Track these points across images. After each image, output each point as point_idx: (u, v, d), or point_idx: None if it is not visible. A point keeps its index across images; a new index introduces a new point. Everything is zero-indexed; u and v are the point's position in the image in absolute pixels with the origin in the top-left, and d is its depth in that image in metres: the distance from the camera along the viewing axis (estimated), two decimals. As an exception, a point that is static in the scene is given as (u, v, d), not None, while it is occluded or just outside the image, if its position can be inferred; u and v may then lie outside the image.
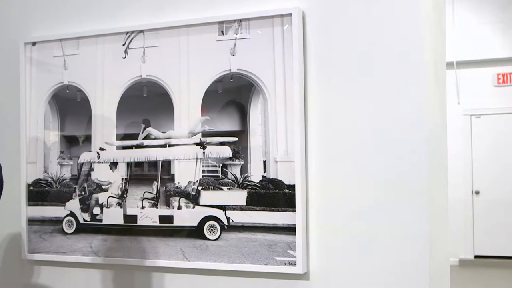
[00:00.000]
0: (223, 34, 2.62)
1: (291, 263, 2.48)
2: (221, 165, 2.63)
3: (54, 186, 2.95)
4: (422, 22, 2.36)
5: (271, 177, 2.54)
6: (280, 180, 2.52)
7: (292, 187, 2.48)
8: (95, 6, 2.91)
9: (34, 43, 2.99)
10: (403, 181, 2.36)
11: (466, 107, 10.25)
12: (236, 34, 2.60)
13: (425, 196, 2.34)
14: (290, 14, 2.48)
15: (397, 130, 2.37)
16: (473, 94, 10.19)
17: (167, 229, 2.72)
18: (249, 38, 2.58)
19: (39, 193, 2.97)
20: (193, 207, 2.67)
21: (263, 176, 2.55)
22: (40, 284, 3.02)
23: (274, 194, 2.53)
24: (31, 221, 2.98)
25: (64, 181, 2.93)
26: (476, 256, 10.29)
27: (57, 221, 2.93)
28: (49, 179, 2.96)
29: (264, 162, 2.56)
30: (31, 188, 2.99)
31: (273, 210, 2.53)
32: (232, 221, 2.60)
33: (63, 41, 2.93)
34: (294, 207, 2.48)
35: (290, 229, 2.49)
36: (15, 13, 3.10)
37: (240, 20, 2.58)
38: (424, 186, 2.34)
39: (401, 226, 2.36)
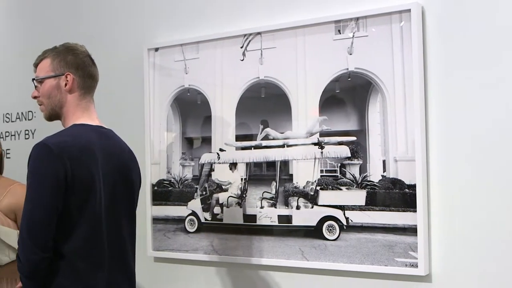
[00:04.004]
0: (340, 33, 2.61)
1: (412, 265, 2.43)
2: (339, 164, 2.61)
3: (177, 186, 3.05)
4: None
5: (391, 176, 2.49)
6: (400, 180, 2.47)
7: (413, 187, 2.43)
8: (213, 10, 2.99)
9: (156, 49, 3.12)
10: (532, 180, 2.25)
11: None
12: (353, 33, 2.57)
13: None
14: (409, 10, 2.43)
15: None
16: None
17: (285, 228, 2.73)
18: (367, 36, 2.55)
19: (163, 193, 3.09)
20: (312, 207, 2.67)
21: (382, 176, 2.51)
22: (164, 281, 3.13)
23: (394, 194, 2.48)
24: (156, 220, 3.10)
25: (186, 181, 3.03)
26: None
27: (180, 220, 3.03)
28: (172, 179, 3.07)
29: (384, 161, 2.51)
30: (155, 188, 3.11)
31: (393, 210, 2.48)
32: (351, 221, 2.57)
33: (184, 46, 3.02)
34: (415, 207, 2.42)
35: (411, 230, 2.43)
36: (139, 21, 3.24)
37: (357, 18, 2.56)
38: (555, 186, 2.22)
39: (530, 228, 2.25)
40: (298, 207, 2.70)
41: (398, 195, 2.47)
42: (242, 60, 2.86)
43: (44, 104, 2.33)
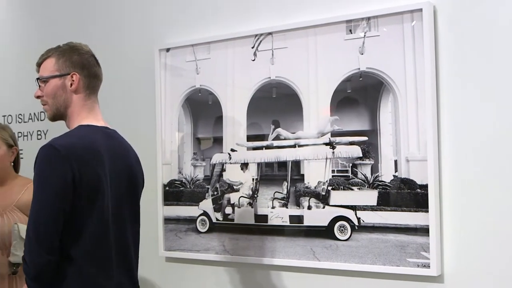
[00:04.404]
0: (351, 33, 2.60)
1: (424, 265, 2.42)
2: (351, 164, 2.61)
3: (188, 187, 3.06)
4: None
5: (403, 176, 2.48)
6: (412, 180, 2.46)
7: (424, 187, 2.42)
8: (224, 11, 2.99)
9: (168, 50, 3.12)
10: (546, 180, 2.23)
11: None
12: (364, 32, 2.57)
13: None
14: (420, 10, 2.42)
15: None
16: None
17: (297, 229, 2.73)
18: (378, 35, 2.54)
19: (174, 193, 3.09)
20: (323, 207, 2.67)
21: (394, 176, 2.51)
22: (175, 281, 3.14)
23: (406, 194, 2.47)
24: (167, 220, 3.11)
25: (197, 182, 3.03)
26: None
27: (191, 220, 3.04)
28: (183, 179, 3.07)
29: (395, 161, 2.51)
30: (167, 188, 3.11)
31: (404, 211, 2.48)
32: (363, 221, 2.57)
33: (195, 46, 3.03)
34: (427, 207, 2.41)
35: (423, 230, 2.42)
36: (150, 21, 3.25)
37: (369, 18, 2.55)
38: None
39: (543, 228, 2.24)
40: (309, 207, 2.70)
41: (410, 195, 2.46)
42: (253, 60, 2.86)
43: (49, 104, 2.30)
